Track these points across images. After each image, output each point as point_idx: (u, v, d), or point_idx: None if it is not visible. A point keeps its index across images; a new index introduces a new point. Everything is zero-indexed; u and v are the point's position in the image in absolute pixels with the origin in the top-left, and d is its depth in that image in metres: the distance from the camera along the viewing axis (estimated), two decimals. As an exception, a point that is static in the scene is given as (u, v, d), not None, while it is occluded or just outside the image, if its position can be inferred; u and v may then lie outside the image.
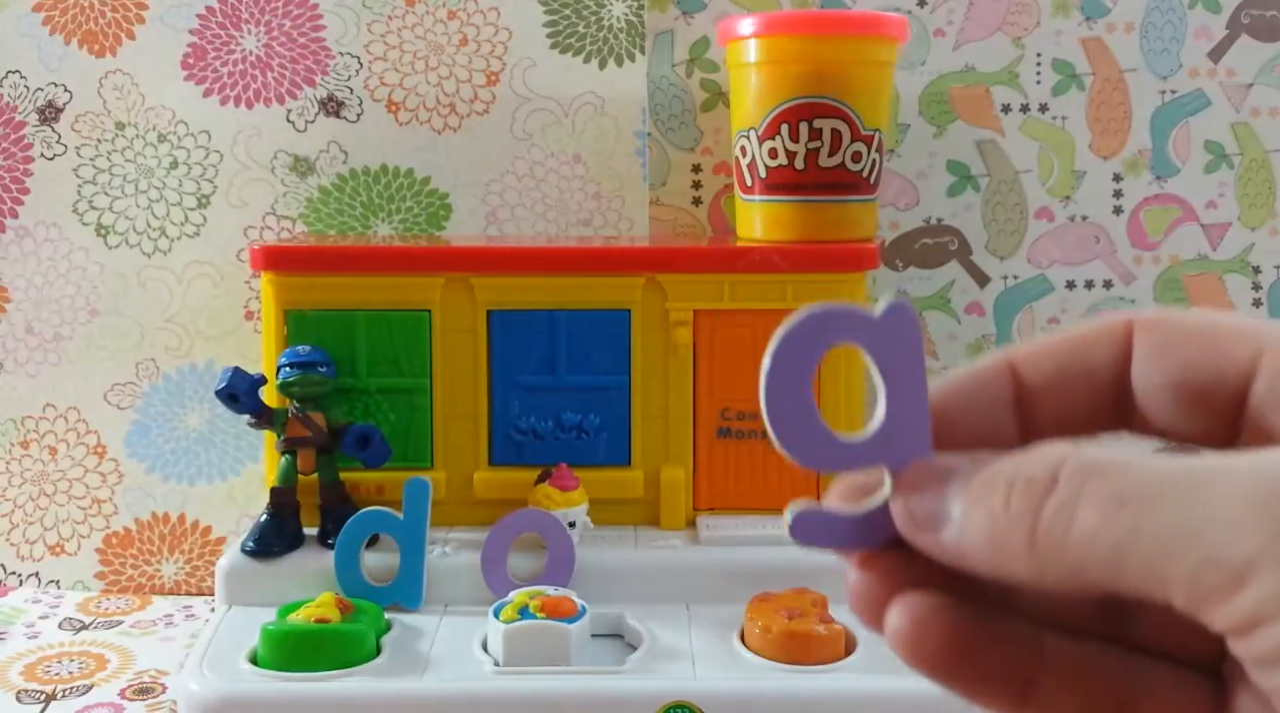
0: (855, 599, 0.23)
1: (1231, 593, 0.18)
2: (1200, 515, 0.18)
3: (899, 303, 0.23)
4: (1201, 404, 0.22)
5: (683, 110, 0.81)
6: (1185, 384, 0.22)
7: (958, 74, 0.81)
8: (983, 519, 0.21)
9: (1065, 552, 0.19)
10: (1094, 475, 0.20)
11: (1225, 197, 0.83)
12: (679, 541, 0.67)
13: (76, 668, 0.69)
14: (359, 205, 0.80)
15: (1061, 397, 0.23)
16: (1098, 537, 0.19)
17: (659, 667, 0.57)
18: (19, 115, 0.79)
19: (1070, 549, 0.19)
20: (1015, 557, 0.20)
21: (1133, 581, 0.19)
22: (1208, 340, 0.22)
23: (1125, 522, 0.19)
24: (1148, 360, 0.23)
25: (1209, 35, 0.81)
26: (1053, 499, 0.20)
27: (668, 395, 0.69)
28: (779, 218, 0.71)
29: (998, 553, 0.20)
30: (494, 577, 0.63)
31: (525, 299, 0.68)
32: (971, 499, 0.21)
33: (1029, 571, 0.20)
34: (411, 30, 0.79)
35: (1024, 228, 0.83)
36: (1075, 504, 0.19)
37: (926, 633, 0.22)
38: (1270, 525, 0.18)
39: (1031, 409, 0.24)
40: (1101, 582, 0.19)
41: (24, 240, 0.80)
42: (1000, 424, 0.23)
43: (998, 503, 0.20)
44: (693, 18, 0.80)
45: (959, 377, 0.24)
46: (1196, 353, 0.22)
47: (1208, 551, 0.18)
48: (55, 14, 0.78)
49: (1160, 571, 0.19)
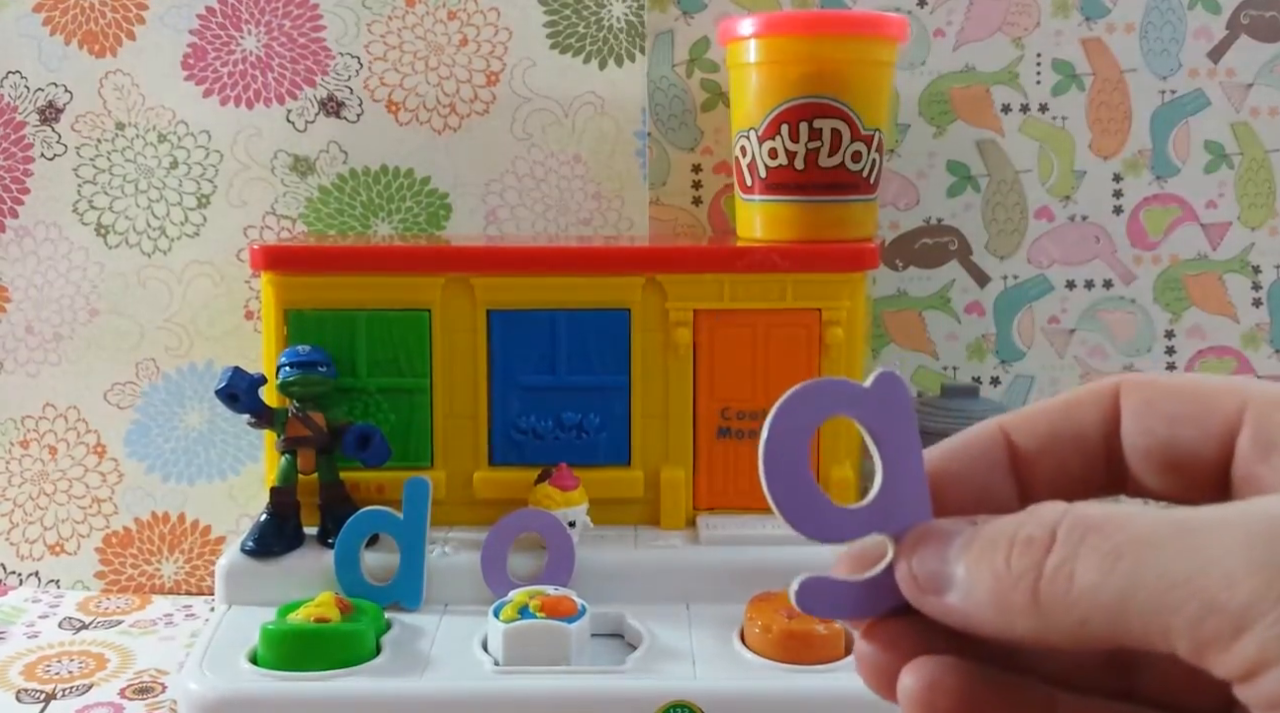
0: (865, 668, 0.23)
1: (1233, 640, 0.18)
2: (1196, 565, 0.19)
3: (888, 373, 0.24)
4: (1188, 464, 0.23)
5: (683, 110, 0.81)
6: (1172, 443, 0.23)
7: (958, 74, 0.81)
8: (986, 579, 0.21)
9: (1068, 607, 0.20)
10: (1091, 531, 0.20)
11: (1225, 196, 0.83)
12: (679, 540, 0.67)
13: (76, 668, 0.69)
14: (359, 205, 0.80)
15: (1055, 460, 0.24)
16: (1099, 590, 0.19)
17: (659, 667, 0.57)
18: (19, 115, 0.79)
19: (1073, 604, 0.20)
20: (1020, 615, 0.20)
21: (1136, 632, 0.19)
22: (1192, 397, 0.23)
23: (1124, 574, 0.19)
24: (1135, 421, 0.23)
25: (1209, 35, 0.81)
26: (1053, 556, 0.20)
27: (668, 395, 0.69)
28: (779, 218, 0.71)
29: (1002, 612, 0.21)
30: (494, 577, 0.63)
31: (525, 299, 0.68)
32: (974, 560, 0.21)
33: (1034, 628, 0.20)
34: (411, 30, 0.79)
35: (1024, 228, 0.83)
36: (1075, 560, 0.20)
37: (940, 696, 0.22)
38: (1266, 571, 0.18)
39: (1027, 474, 0.24)
40: (1105, 636, 0.20)
41: (24, 240, 0.80)
42: (998, 489, 0.24)
43: (1000, 562, 0.21)
44: (693, 18, 0.80)
45: (953, 443, 0.24)
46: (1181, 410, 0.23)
47: (1206, 598, 0.18)
48: (55, 14, 0.78)
49: (1162, 621, 0.19)
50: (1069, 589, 0.20)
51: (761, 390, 0.69)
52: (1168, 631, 0.19)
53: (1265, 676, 0.18)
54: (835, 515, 0.23)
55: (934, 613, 0.22)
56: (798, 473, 0.23)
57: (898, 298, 0.83)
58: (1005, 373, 0.84)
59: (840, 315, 0.68)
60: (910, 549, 0.22)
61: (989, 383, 0.84)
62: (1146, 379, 0.24)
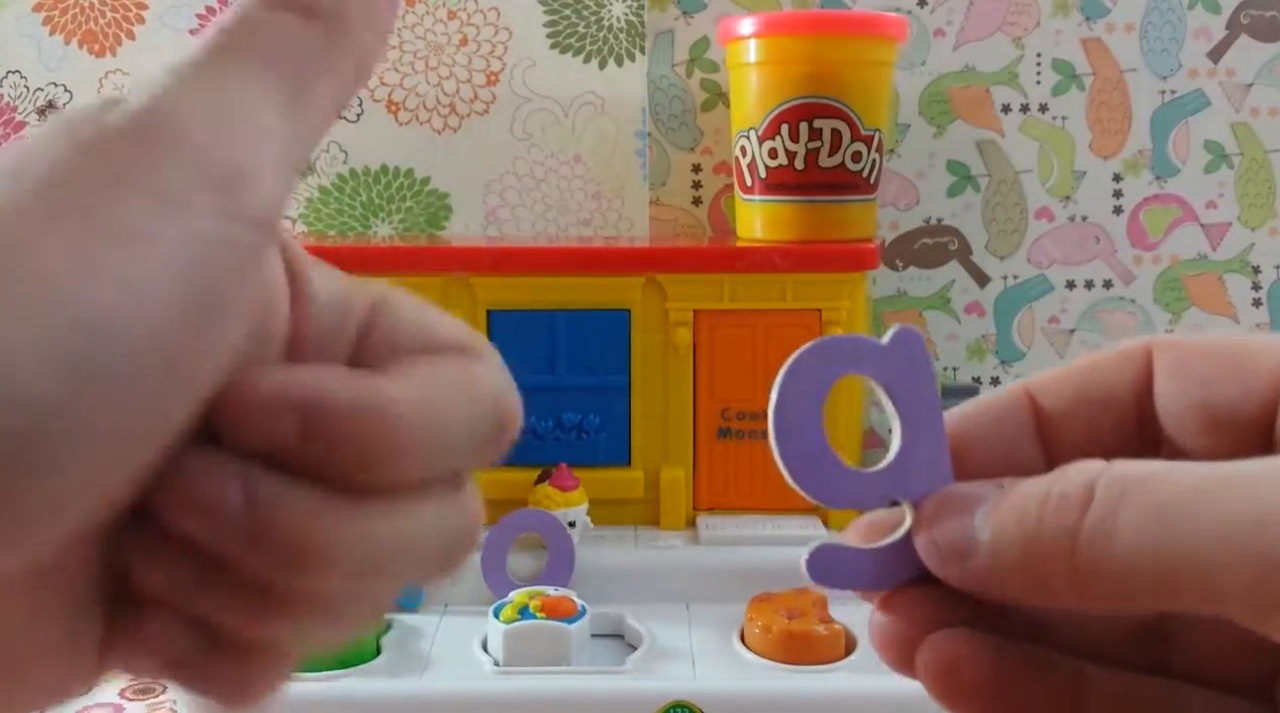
0: (881, 642, 0.22)
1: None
2: (1254, 519, 0.17)
3: (907, 328, 0.22)
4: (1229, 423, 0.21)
5: (683, 110, 0.81)
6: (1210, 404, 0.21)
7: (958, 74, 0.81)
8: (1016, 543, 0.19)
9: (1108, 570, 0.18)
10: (1133, 487, 0.18)
11: (1225, 196, 0.83)
12: (679, 541, 0.67)
13: (76, 668, 0.69)
14: (359, 205, 0.80)
15: (1084, 424, 0.22)
16: (1143, 550, 0.18)
17: (659, 667, 0.57)
18: (19, 115, 0.79)
19: (1114, 567, 0.18)
20: (1054, 580, 0.19)
21: (1184, 595, 0.18)
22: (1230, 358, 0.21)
23: (1172, 532, 0.18)
24: (1170, 382, 0.22)
25: (1209, 35, 0.81)
26: (1091, 515, 0.18)
27: (668, 395, 0.69)
28: (779, 218, 0.71)
29: (1034, 577, 0.19)
30: (494, 577, 0.63)
31: (525, 299, 0.68)
32: (1002, 523, 0.20)
33: (1070, 593, 0.19)
34: (411, 30, 0.79)
35: (1024, 228, 0.83)
36: (1116, 518, 0.18)
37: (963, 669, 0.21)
38: None
39: (1054, 437, 0.23)
40: (1149, 600, 0.18)
41: (24, 240, 0.80)
42: (1023, 454, 0.22)
43: (1031, 524, 0.19)
44: (693, 18, 0.80)
45: (975, 405, 0.23)
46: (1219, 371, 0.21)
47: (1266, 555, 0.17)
48: (55, 14, 0.78)
49: (1214, 581, 0.17)
50: (1109, 550, 0.18)
51: (762, 391, 0.69)
52: (1221, 592, 0.17)
53: None
54: (851, 480, 0.22)
55: (958, 581, 0.20)
56: (811, 436, 0.21)
57: (898, 298, 0.83)
58: (1005, 373, 0.84)
59: (840, 315, 0.68)
60: (932, 515, 0.21)
61: (989, 383, 0.84)
62: (1177, 340, 0.22)
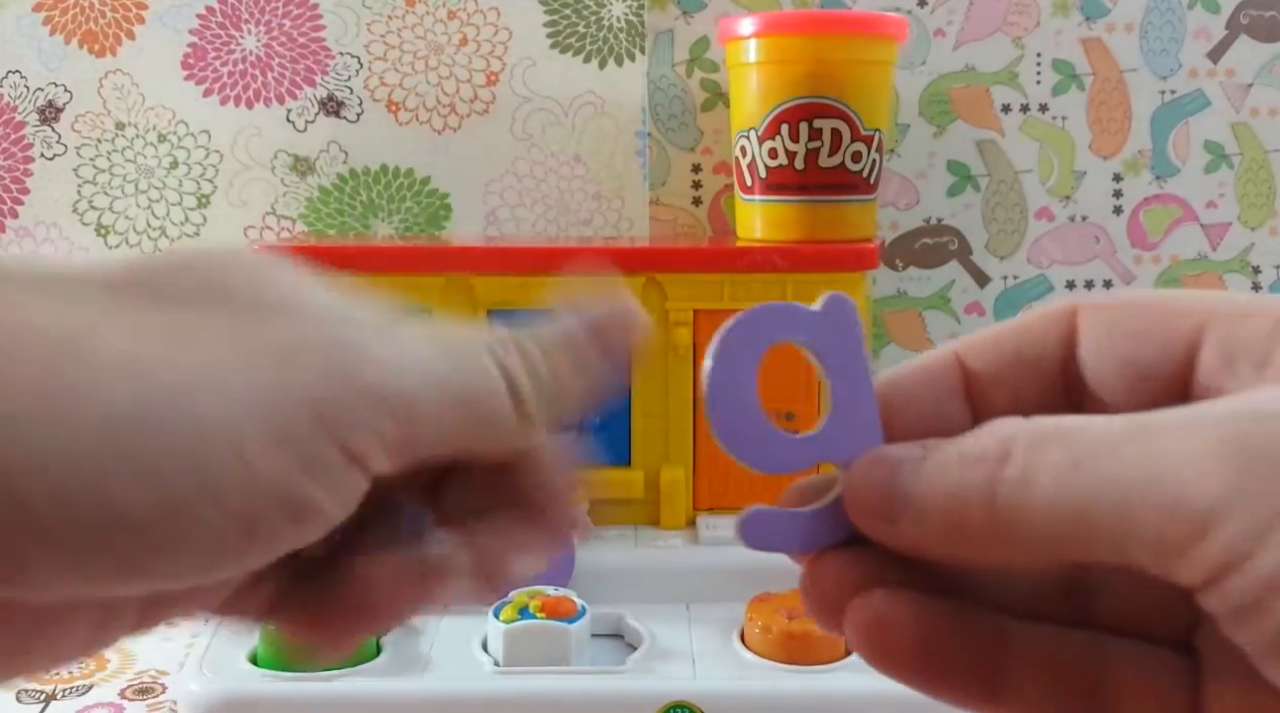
0: (810, 601, 0.22)
1: (1199, 540, 0.17)
2: (1160, 466, 0.18)
3: (837, 296, 0.23)
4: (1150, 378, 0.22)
5: (683, 110, 0.81)
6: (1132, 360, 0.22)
7: (958, 74, 0.81)
8: (939, 500, 0.20)
9: (1025, 523, 0.19)
10: (1047, 441, 0.19)
11: (1225, 196, 0.83)
12: (679, 541, 0.67)
13: (76, 668, 0.69)
14: (359, 205, 0.80)
15: (1011, 384, 0.23)
16: (1056, 502, 0.18)
17: (659, 667, 0.57)
18: (19, 115, 0.79)
19: (1030, 518, 0.19)
20: (976, 534, 0.19)
21: (1096, 545, 0.18)
22: (1151, 314, 0.22)
23: (1083, 482, 0.18)
24: (1094, 340, 0.22)
25: (1208, 35, 0.81)
26: (1008, 469, 0.19)
27: (668, 395, 0.69)
28: (779, 218, 0.71)
29: (957, 533, 0.20)
30: (494, 577, 0.63)
31: (525, 299, 0.68)
32: (925, 482, 0.20)
33: (991, 548, 0.19)
34: (411, 30, 0.79)
35: (1024, 228, 0.83)
36: (1031, 472, 0.19)
37: (888, 629, 0.21)
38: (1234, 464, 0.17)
39: (982, 399, 0.23)
40: (1065, 551, 0.19)
41: (24, 240, 0.80)
42: (951, 415, 0.23)
43: (952, 481, 0.20)
44: (693, 18, 0.80)
45: (906, 369, 0.23)
46: (1141, 328, 0.22)
47: (1171, 499, 0.17)
48: (55, 14, 0.78)
49: (1123, 529, 0.18)
50: (1026, 502, 0.19)
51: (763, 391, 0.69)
52: (1130, 539, 0.18)
53: (1232, 577, 0.17)
54: (783, 445, 0.22)
55: (885, 541, 0.21)
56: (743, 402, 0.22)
57: (898, 298, 0.83)
58: (1005, 373, 0.84)
59: (840, 315, 0.68)
60: (859, 477, 0.21)
61: (989, 383, 0.84)
62: (1104, 300, 0.23)
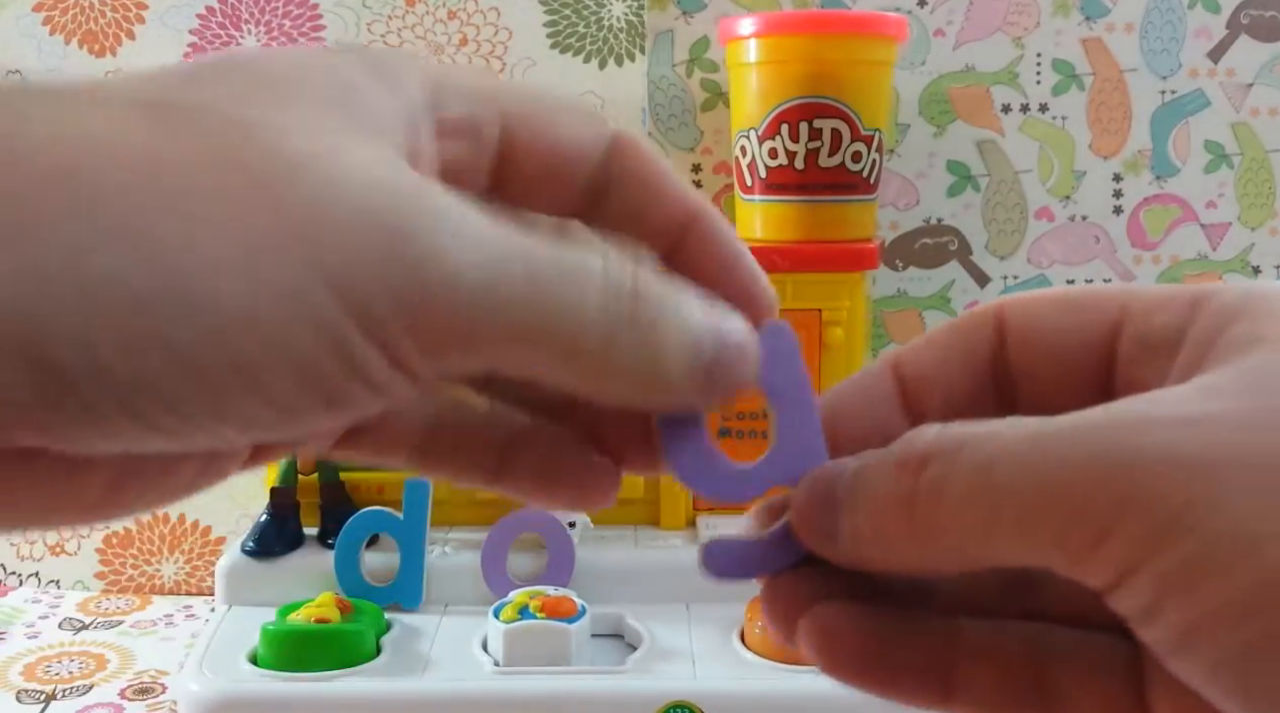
0: (770, 621, 0.23)
1: (1097, 548, 0.17)
2: (1065, 472, 0.18)
3: (775, 323, 0.23)
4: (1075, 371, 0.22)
5: (683, 110, 0.81)
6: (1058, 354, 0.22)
7: (958, 74, 0.81)
8: (866, 513, 0.20)
9: (942, 528, 0.19)
10: (964, 446, 0.19)
11: (1225, 196, 0.83)
12: (679, 541, 0.67)
13: (76, 668, 0.69)
14: (359, 205, 0.80)
15: (943, 388, 0.23)
16: (967, 507, 0.18)
17: (659, 667, 0.57)
18: (19, 115, 0.79)
19: (946, 524, 0.19)
20: (899, 543, 0.20)
21: (1011, 548, 0.18)
22: (1073, 308, 0.22)
23: (993, 487, 0.18)
24: (1020, 337, 0.22)
25: (1209, 35, 0.81)
26: (924, 477, 0.19)
27: (668, 395, 0.69)
28: (779, 218, 0.71)
29: (883, 543, 0.20)
30: (494, 577, 0.63)
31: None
32: (853, 495, 0.20)
33: (915, 555, 0.20)
34: (411, 30, 0.79)
35: (1024, 228, 0.83)
36: (946, 479, 0.19)
37: (835, 638, 0.21)
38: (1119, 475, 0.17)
39: (918, 405, 0.23)
40: (981, 555, 0.19)
41: (24, 240, 0.80)
42: (892, 424, 0.23)
43: (875, 492, 0.20)
44: (693, 18, 0.80)
45: (846, 383, 0.24)
46: (1064, 321, 0.22)
47: (1069, 508, 0.18)
48: (55, 14, 0.78)
49: (1032, 536, 0.18)
50: (940, 508, 0.19)
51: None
52: (1037, 544, 0.18)
53: (1128, 583, 0.17)
54: (735, 475, 0.23)
55: (832, 557, 0.21)
56: (692, 436, 0.22)
57: (898, 298, 0.83)
58: (1005, 373, 0.84)
59: (840, 315, 0.68)
60: (800, 497, 0.22)
61: (989, 383, 0.84)
62: (1028, 296, 0.23)
